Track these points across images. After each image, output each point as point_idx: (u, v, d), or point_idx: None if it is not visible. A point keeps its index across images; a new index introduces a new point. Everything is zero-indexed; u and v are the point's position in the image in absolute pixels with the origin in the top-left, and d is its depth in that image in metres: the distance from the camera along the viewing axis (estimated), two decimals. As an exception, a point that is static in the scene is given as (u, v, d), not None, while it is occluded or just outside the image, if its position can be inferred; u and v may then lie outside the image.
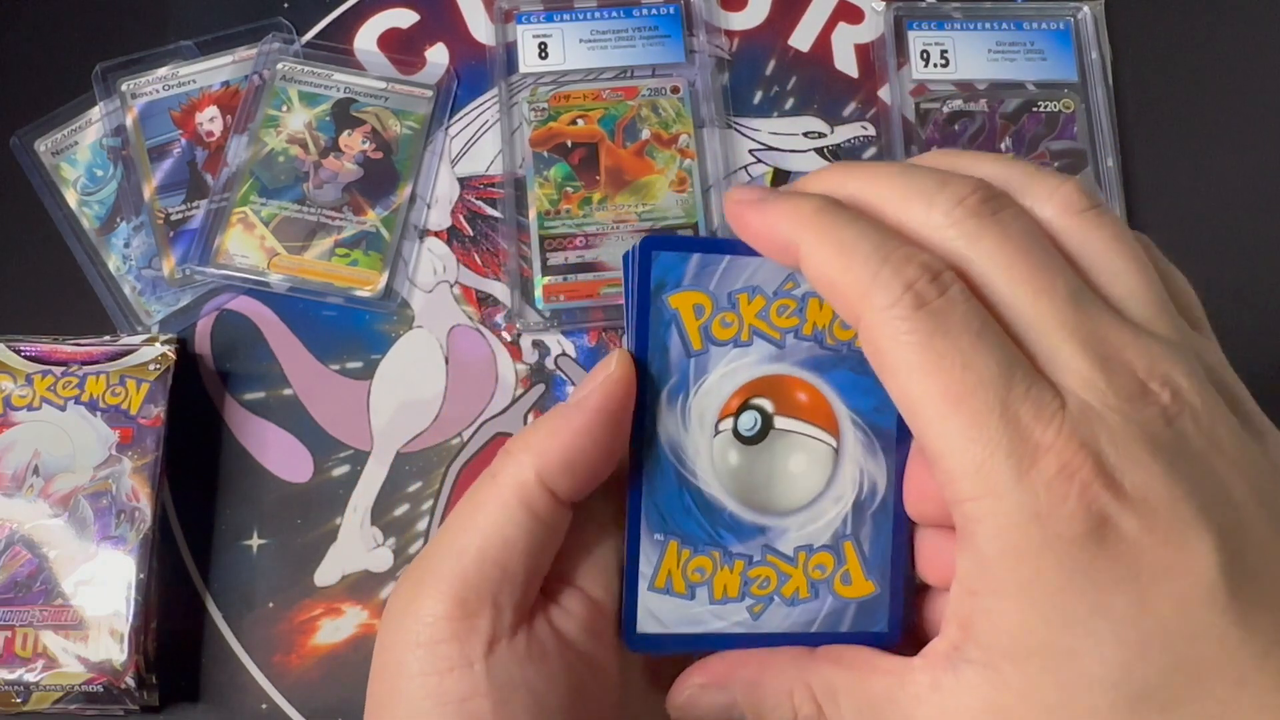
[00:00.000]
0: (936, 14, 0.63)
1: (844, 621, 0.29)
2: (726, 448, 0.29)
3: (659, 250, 0.28)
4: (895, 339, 0.24)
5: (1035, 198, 0.26)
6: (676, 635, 0.29)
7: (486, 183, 0.60)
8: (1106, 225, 0.26)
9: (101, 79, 0.61)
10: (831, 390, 0.29)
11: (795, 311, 0.28)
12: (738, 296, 0.28)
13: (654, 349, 0.28)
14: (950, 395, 0.24)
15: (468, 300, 0.58)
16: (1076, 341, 0.24)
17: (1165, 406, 0.24)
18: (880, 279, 0.24)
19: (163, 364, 0.53)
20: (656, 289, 0.28)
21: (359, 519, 0.54)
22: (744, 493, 0.29)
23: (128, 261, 0.58)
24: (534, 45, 0.61)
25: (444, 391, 0.56)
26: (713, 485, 0.29)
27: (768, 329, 0.28)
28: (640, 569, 0.28)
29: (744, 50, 0.62)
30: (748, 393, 0.28)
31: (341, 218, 0.58)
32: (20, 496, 0.51)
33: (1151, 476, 0.23)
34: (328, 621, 0.53)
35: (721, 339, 0.28)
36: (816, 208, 0.26)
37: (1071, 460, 0.23)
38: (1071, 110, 0.61)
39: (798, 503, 0.29)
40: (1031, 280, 0.25)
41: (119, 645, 0.49)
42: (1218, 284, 0.60)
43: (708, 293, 0.28)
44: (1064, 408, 0.23)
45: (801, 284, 0.28)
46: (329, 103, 0.61)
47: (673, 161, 0.59)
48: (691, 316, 0.28)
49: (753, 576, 0.29)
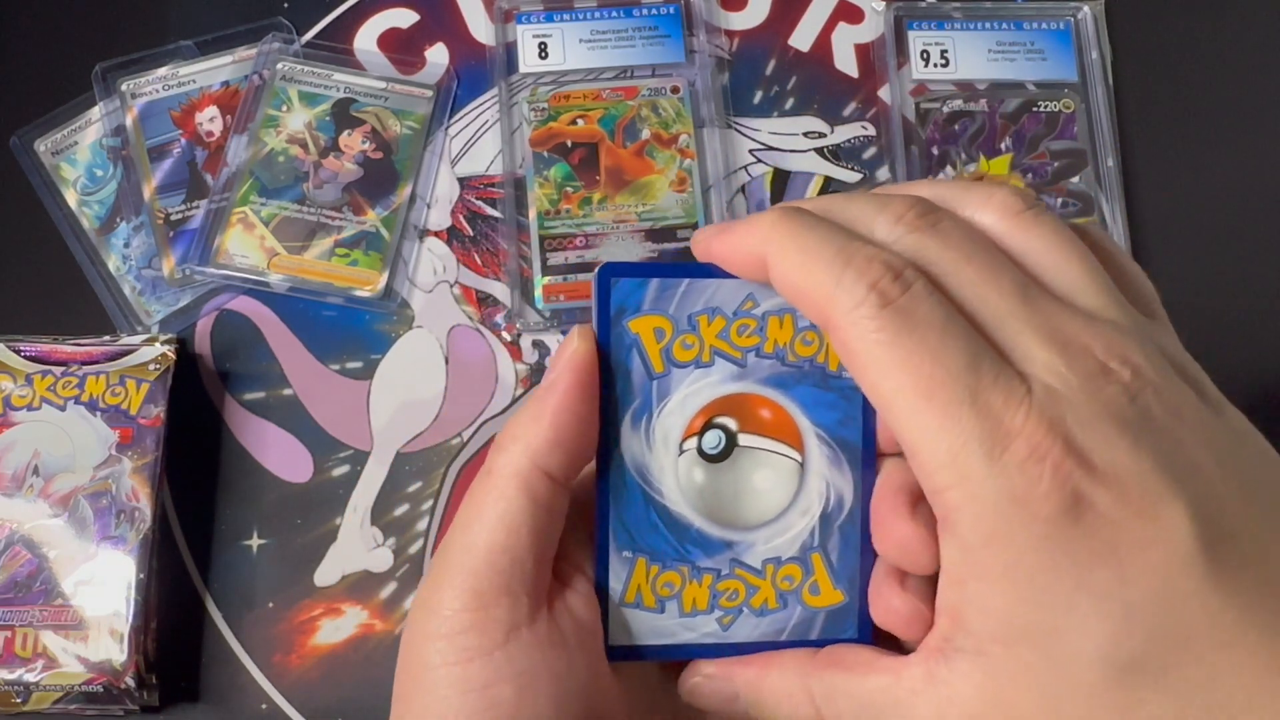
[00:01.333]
0: (936, 14, 0.63)
1: (813, 630, 0.30)
2: (691, 466, 0.29)
3: (617, 277, 0.28)
4: (864, 339, 0.25)
5: (972, 207, 0.27)
6: (649, 646, 0.29)
7: (486, 183, 0.60)
8: (1045, 223, 0.27)
9: (101, 79, 0.61)
10: (795, 406, 0.29)
11: (755, 330, 0.29)
12: (698, 318, 0.29)
13: (617, 373, 0.29)
14: (921, 389, 0.24)
15: (468, 300, 0.58)
16: (1032, 330, 0.25)
17: (1127, 384, 0.24)
18: (844, 282, 0.25)
19: (163, 364, 0.53)
20: (617, 314, 0.29)
21: (359, 519, 0.54)
22: (710, 509, 0.29)
23: (128, 261, 0.58)
24: (534, 45, 0.61)
25: (444, 391, 0.56)
26: (679, 503, 0.29)
27: (729, 349, 0.29)
28: (610, 585, 0.29)
29: (744, 50, 0.62)
30: (711, 412, 0.29)
31: (341, 218, 0.58)
32: (20, 496, 0.51)
33: (1120, 452, 0.24)
34: (328, 621, 0.53)
35: (683, 360, 0.29)
36: (776, 217, 0.27)
37: (1041, 442, 0.24)
38: (1071, 110, 0.61)
39: (764, 517, 0.29)
40: (980, 279, 0.26)
41: (119, 645, 0.49)
42: (1217, 283, 0.60)
43: (668, 316, 0.29)
44: (1030, 392, 0.24)
45: (761, 303, 0.29)
46: (329, 103, 0.61)
47: (673, 161, 0.59)
48: (652, 340, 0.29)
49: (721, 589, 0.29)
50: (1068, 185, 0.59)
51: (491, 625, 0.27)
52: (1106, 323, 0.25)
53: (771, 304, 0.29)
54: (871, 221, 0.27)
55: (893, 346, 0.25)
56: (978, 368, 0.24)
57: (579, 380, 0.28)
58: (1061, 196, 0.59)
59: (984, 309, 0.25)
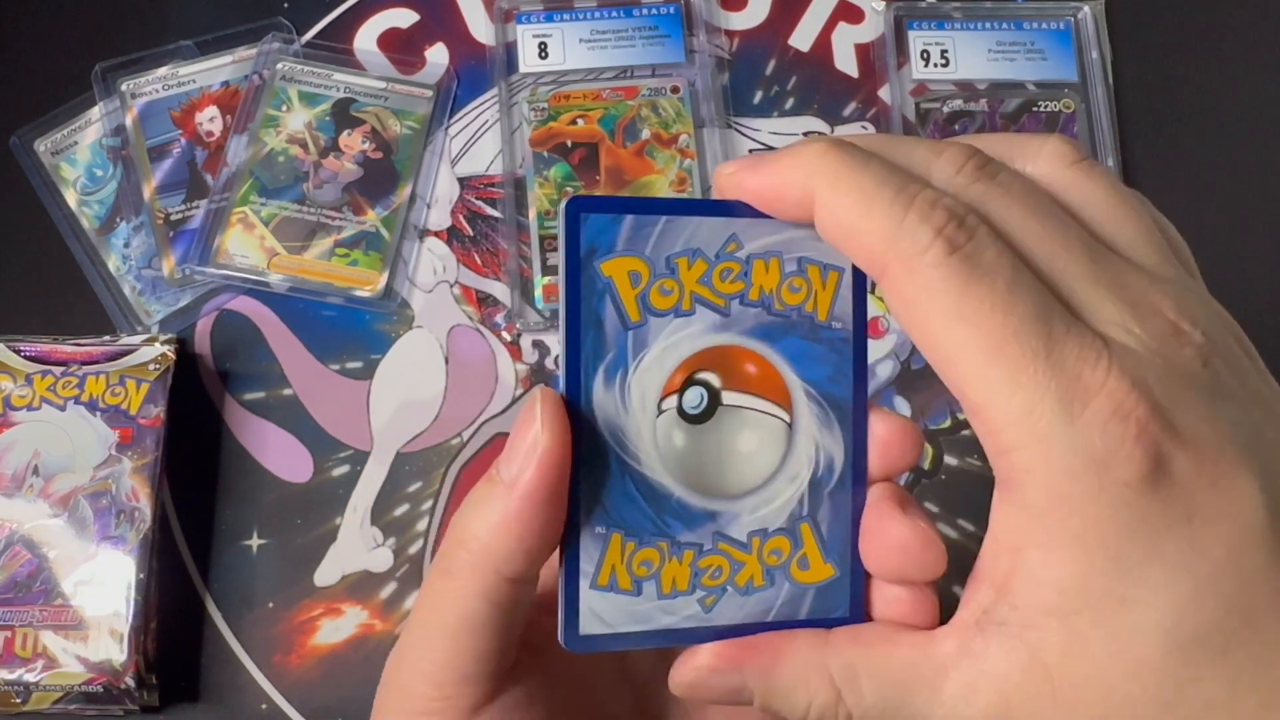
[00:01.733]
0: (936, 14, 0.63)
1: (802, 609, 0.27)
2: (671, 428, 0.26)
3: (588, 212, 0.25)
4: (928, 287, 0.23)
5: (1025, 158, 0.26)
6: (622, 634, 0.27)
7: (486, 183, 0.60)
8: (1099, 175, 0.26)
9: (101, 79, 0.61)
10: (782, 360, 0.27)
11: (740, 275, 0.26)
12: (677, 261, 0.26)
13: (587, 322, 0.26)
14: (991, 341, 0.23)
15: (468, 300, 0.58)
16: (1103, 287, 0.24)
17: (1199, 346, 0.23)
18: (907, 225, 0.23)
19: (162, 364, 0.53)
20: (587, 255, 0.26)
21: (359, 519, 0.54)
22: (692, 477, 0.27)
23: (127, 261, 0.58)
24: (534, 45, 0.61)
25: (444, 391, 0.56)
26: (657, 470, 0.26)
27: (711, 295, 0.26)
28: (581, 567, 0.26)
29: (744, 50, 0.62)
30: (692, 366, 0.26)
31: (341, 218, 0.58)
32: (20, 496, 0.51)
33: (1199, 418, 0.23)
34: (327, 621, 0.53)
35: (661, 309, 0.26)
36: (824, 149, 0.25)
37: (1125, 400, 0.22)
38: (1071, 110, 0.61)
39: (750, 484, 0.27)
40: (1045, 234, 0.24)
41: (119, 645, 0.49)
42: (1217, 283, 0.60)
43: (644, 258, 0.26)
44: (1108, 348, 0.23)
45: (745, 245, 0.26)
46: (329, 103, 0.61)
47: (673, 161, 0.59)
48: (627, 285, 0.26)
49: (703, 566, 0.27)
50: (1068, 185, 0.59)
51: (454, 711, 0.27)
52: (1168, 281, 0.24)
53: (757, 245, 0.26)
54: (927, 166, 0.25)
55: (961, 295, 0.23)
56: (1049, 321, 0.23)
57: (546, 482, 0.25)
58: (1061, 196, 0.59)
59: (1051, 264, 0.24)
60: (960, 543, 0.54)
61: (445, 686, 0.27)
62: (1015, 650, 0.23)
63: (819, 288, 0.27)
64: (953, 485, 0.55)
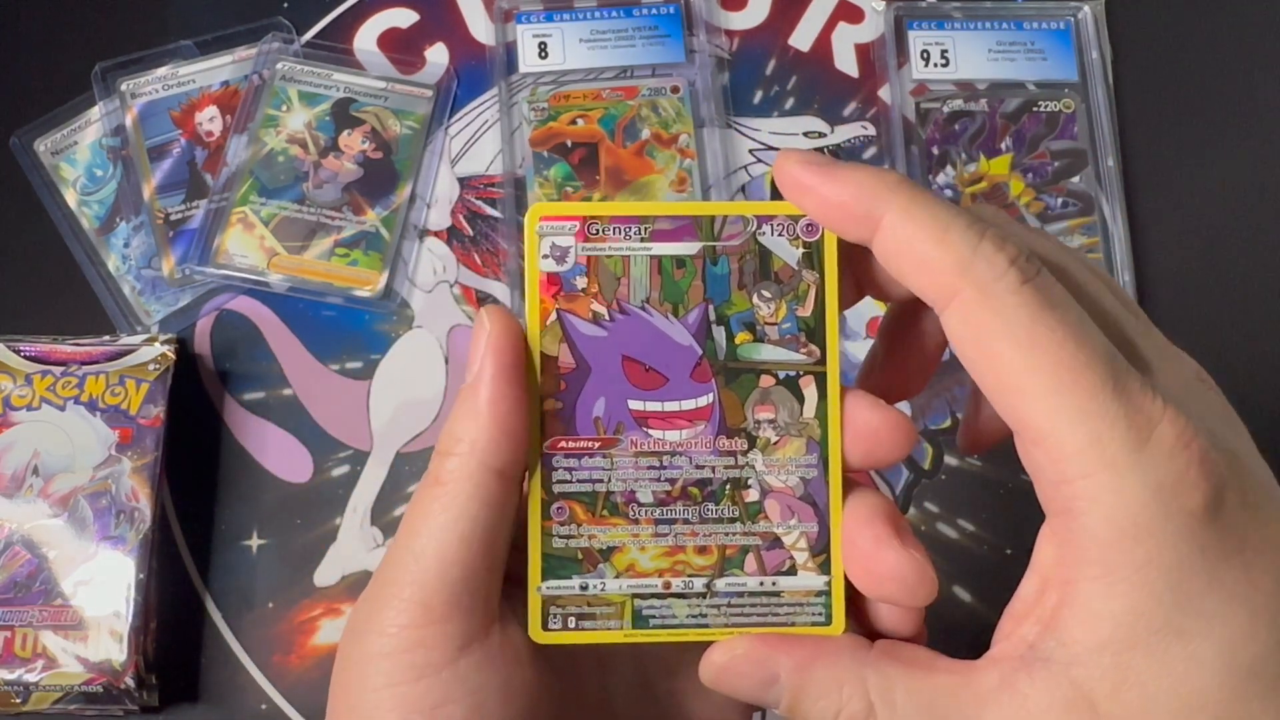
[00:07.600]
0: (936, 14, 0.63)
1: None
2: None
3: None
4: (1001, 313, 0.24)
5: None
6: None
7: (486, 182, 0.60)
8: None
9: (101, 79, 0.61)
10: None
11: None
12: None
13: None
14: (1063, 370, 0.23)
15: (468, 300, 0.58)
16: (1141, 334, 0.26)
17: (1218, 392, 0.26)
18: (983, 251, 0.24)
19: (162, 364, 0.53)
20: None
21: (359, 519, 0.54)
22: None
23: (127, 261, 0.58)
24: (534, 45, 0.61)
25: (444, 391, 0.56)
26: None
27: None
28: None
29: (744, 50, 0.62)
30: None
31: (341, 217, 0.58)
32: (20, 496, 0.51)
33: (1243, 448, 0.24)
34: (327, 622, 0.53)
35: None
36: (896, 180, 0.25)
37: (1185, 429, 0.23)
38: (1072, 110, 0.61)
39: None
40: (1092, 281, 0.26)
41: (119, 645, 0.49)
42: (1217, 283, 0.60)
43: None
44: (1156, 384, 0.23)
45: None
46: (329, 102, 0.61)
47: (673, 161, 0.59)
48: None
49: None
50: (1068, 185, 0.59)
51: (443, 641, 0.26)
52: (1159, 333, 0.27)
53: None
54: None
55: (1034, 323, 0.23)
56: (1114, 355, 0.23)
57: (504, 364, 0.27)
58: (1061, 196, 0.59)
59: (1099, 307, 0.25)
60: (960, 543, 0.54)
61: (432, 610, 0.26)
62: (1059, 687, 0.23)
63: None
64: (953, 485, 0.55)
